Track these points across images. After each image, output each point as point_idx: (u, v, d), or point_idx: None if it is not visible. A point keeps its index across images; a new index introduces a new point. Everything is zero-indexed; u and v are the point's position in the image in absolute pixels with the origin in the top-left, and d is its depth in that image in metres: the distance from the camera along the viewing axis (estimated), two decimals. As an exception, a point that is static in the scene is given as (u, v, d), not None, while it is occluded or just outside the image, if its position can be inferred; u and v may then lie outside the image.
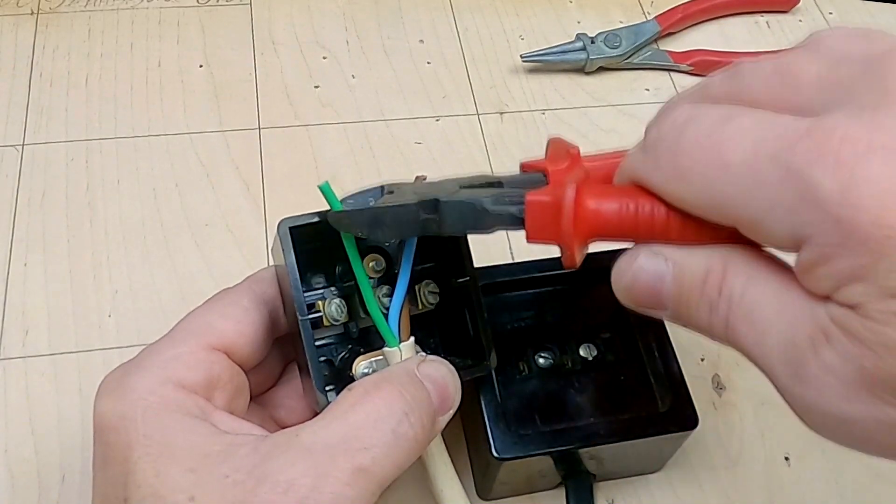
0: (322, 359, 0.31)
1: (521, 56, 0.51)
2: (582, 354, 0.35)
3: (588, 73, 0.52)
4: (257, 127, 0.48)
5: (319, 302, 0.30)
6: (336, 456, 0.25)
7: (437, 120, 0.49)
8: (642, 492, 0.38)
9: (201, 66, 0.50)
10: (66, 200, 0.44)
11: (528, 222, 0.24)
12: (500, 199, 0.25)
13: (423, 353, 0.30)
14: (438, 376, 0.29)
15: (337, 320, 0.30)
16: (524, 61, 0.51)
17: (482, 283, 0.32)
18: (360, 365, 0.30)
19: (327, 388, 0.30)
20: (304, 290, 0.29)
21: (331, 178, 0.45)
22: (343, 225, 0.28)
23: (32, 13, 0.51)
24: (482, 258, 0.33)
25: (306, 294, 0.30)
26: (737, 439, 0.39)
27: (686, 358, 0.38)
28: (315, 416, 0.27)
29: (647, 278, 0.23)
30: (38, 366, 0.39)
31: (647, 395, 0.34)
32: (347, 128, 0.48)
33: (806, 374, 0.19)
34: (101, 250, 0.43)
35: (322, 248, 0.30)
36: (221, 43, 0.51)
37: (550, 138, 0.28)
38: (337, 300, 0.30)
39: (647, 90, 0.52)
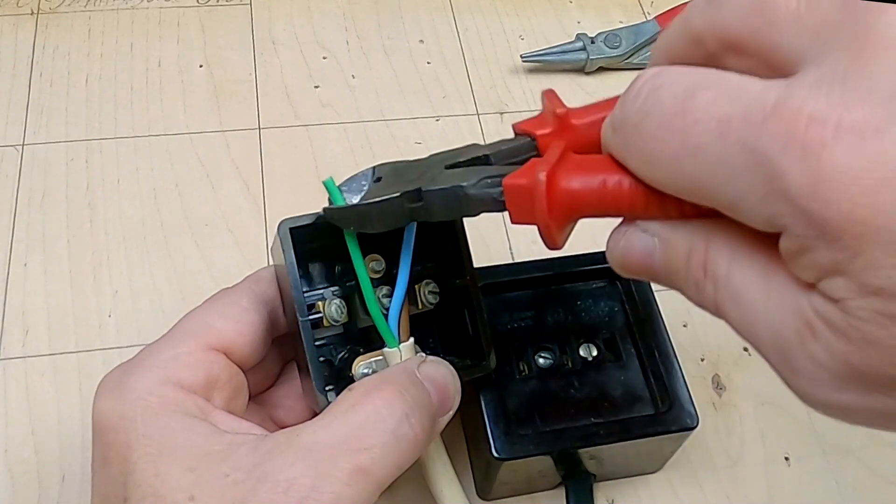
0: (322, 359, 0.31)
1: (521, 56, 0.51)
2: (582, 354, 0.35)
3: (588, 74, 0.52)
4: (257, 127, 0.48)
5: (319, 302, 0.30)
6: (336, 456, 0.25)
7: (437, 120, 0.49)
8: (642, 492, 0.38)
9: (201, 66, 0.50)
10: (66, 200, 0.44)
11: (508, 206, 0.24)
12: (482, 184, 0.25)
13: (423, 354, 0.30)
14: (439, 377, 0.29)
15: (337, 321, 0.30)
16: (524, 61, 0.51)
17: (482, 283, 0.32)
18: (360, 365, 0.30)
19: (327, 388, 0.30)
20: (303, 290, 0.29)
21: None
22: (335, 219, 0.28)
23: (32, 13, 0.51)
24: (482, 258, 0.33)
25: (306, 294, 0.30)
26: (737, 439, 0.39)
27: (686, 358, 0.38)
28: (314, 415, 0.27)
29: (636, 255, 0.23)
30: (38, 366, 0.39)
31: (647, 394, 0.34)
32: (347, 128, 0.48)
33: (796, 365, 0.19)
34: (101, 250, 0.43)
35: (322, 249, 0.30)
36: (221, 43, 0.51)
37: (544, 91, 0.27)
38: (337, 301, 0.30)
39: (648, 90, 0.52)
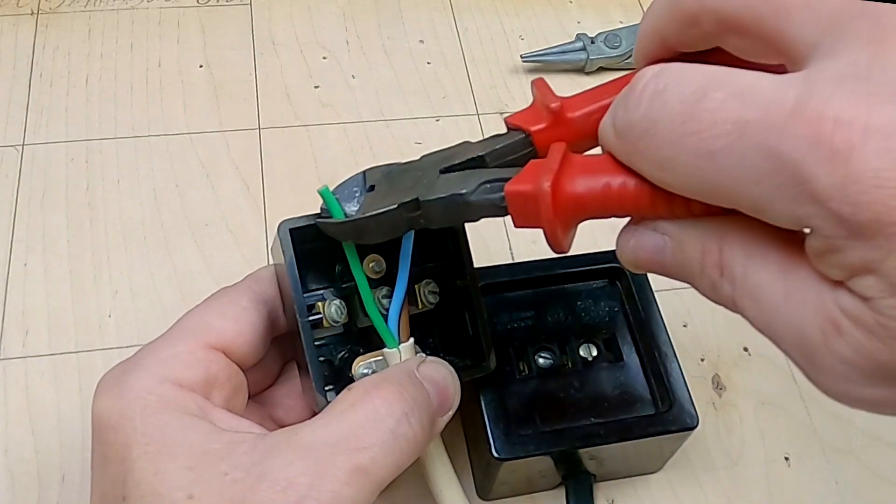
0: (321, 359, 0.31)
1: (521, 56, 0.51)
2: (582, 354, 0.35)
3: (588, 74, 0.52)
4: (257, 127, 0.48)
5: (319, 303, 0.30)
6: (335, 455, 0.25)
7: (437, 120, 0.49)
8: (642, 492, 0.38)
9: (201, 66, 0.50)
10: (66, 200, 0.44)
11: (511, 211, 0.24)
12: (482, 189, 0.25)
13: (423, 354, 0.30)
14: (438, 377, 0.29)
15: (336, 321, 0.30)
16: (524, 61, 0.51)
17: (482, 283, 0.32)
18: (360, 365, 0.30)
19: (327, 388, 0.30)
20: (303, 290, 0.29)
21: (331, 179, 0.45)
22: (332, 233, 0.28)
23: (32, 13, 0.51)
24: (482, 258, 0.33)
25: (306, 295, 0.30)
26: (737, 439, 0.39)
27: (686, 358, 0.38)
28: (314, 415, 0.27)
29: (647, 254, 0.22)
30: (38, 366, 0.39)
31: (647, 395, 0.34)
32: (347, 128, 0.48)
33: (820, 362, 0.19)
34: (101, 250, 0.43)
35: (322, 249, 0.30)
36: (221, 43, 0.51)
37: (534, 81, 0.27)
38: (337, 301, 0.30)
39: (648, 90, 0.52)
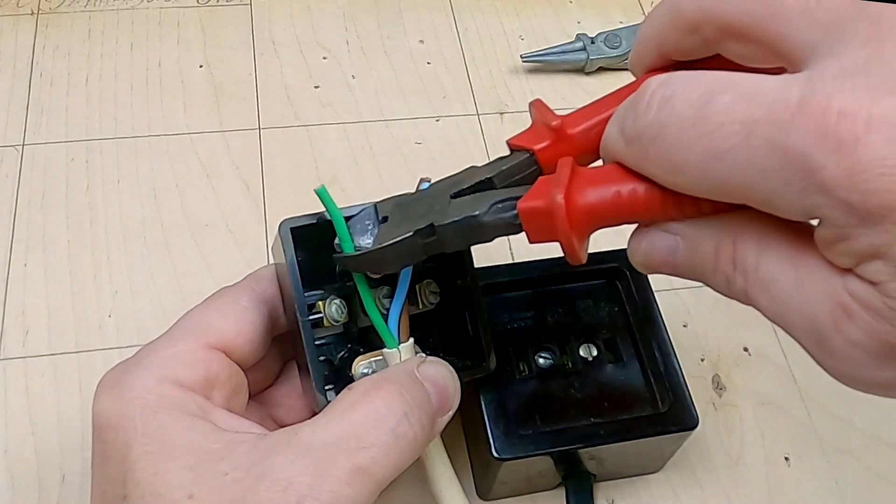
0: (321, 358, 0.31)
1: (521, 56, 0.51)
2: (582, 354, 0.35)
3: (588, 74, 0.52)
4: (257, 127, 0.48)
5: (320, 302, 0.30)
6: (335, 455, 0.25)
7: (437, 120, 0.49)
8: (642, 492, 0.38)
9: (201, 67, 0.50)
10: (66, 200, 0.44)
11: (526, 228, 0.24)
12: (494, 209, 0.25)
13: (423, 354, 0.30)
14: (438, 377, 0.29)
15: (337, 321, 0.30)
16: (524, 61, 0.51)
17: (482, 283, 0.32)
18: (360, 365, 0.30)
19: (327, 387, 0.30)
20: (304, 290, 0.29)
21: (330, 179, 0.46)
22: (351, 267, 0.29)
23: (32, 13, 0.51)
24: (482, 258, 0.33)
25: (306, 294, 0.30)
26: (737, 439, 0.39)
27: (686, 358, 0.38)
28: (314, 415, 0.27)
29: (659, 255, 0.23)
30: (38, 366, 0.39)
31: (647, 395, 0.34)
32: (347, 128, 0.48)
33: (831, 347, 0.19)
34: (101, 250, 0.43)
35: (322, 249, 0.30)
36: (221, 43, 0.51)
37: (531, 102, 0.28)
38: (337, 301, 0.30)
39: (648, 90, 0.52)
